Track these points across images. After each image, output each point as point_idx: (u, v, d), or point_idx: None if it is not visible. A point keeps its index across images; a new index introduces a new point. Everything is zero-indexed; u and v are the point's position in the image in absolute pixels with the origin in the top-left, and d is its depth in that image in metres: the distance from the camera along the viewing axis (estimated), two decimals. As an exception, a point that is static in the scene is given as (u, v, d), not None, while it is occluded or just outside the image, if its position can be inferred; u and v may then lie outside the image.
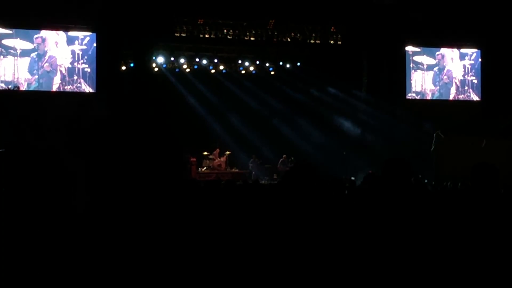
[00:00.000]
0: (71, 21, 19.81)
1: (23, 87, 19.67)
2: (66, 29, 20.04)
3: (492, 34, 22.72)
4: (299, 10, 21.29)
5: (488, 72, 23.60)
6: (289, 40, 22.22)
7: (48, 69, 19.89)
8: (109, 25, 19.75)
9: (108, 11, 19.39)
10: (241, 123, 25.04)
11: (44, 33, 19.89)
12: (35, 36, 19.80)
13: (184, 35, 21.16)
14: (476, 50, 24.08)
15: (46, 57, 19.90)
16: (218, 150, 24.41)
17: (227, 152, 24.48)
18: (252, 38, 21.85)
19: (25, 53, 19.69)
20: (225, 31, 21.46)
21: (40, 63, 19.84)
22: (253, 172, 23.68)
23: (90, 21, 19.82)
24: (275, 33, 22.01)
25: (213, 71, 24.37)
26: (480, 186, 4.52)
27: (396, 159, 4.45)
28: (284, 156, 23.94)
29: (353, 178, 17.62)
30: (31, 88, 19.74)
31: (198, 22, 21.12)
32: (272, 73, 25.19)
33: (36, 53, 19.79)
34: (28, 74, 19.70)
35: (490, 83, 23.40)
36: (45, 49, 19.88)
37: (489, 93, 23.34)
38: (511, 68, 22.11)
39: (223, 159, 24.43)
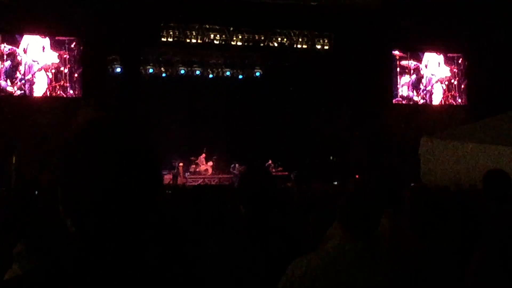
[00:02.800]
0: (56, 26, 19.71)
1: (8, 92, 19.56)
2: (52, 34, 19.94)
3: (477, 38, 22.84)
4: (286, 16, 21.31)
5: (473, 76, 23.71)
6: (276, 45, 22.24)
7: (35, 73, 19.79)
8: (96, 30, 19.68)
9: (95, 16, 19.35)
10: (228, 127, 25.00)
11: (30, 37, 19.77)
12: (21, 40, 19.69)
13: (171, 40, 21.15)
14: (461, 54, 24.19)
15: (33, 62, 19.79)
16: (204, 155, 24.35)
17: (214, 157, 24.43)
18: (239, 43, 21.85)
19: (10, 57, 19.57)
20: (212, 36, 21.48)
21: (27, 67, 19.72)
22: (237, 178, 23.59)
23: (76, 26, 19.74)
24: (262, 38, 22.02)
25: (200, 76, 24.31)
26: (492, 192, 4.46)
27: (497, 171, 4.39)
28: (270, 161, 23.86)
29: (335, 183, 17.61)
30: (17, 93, 19.64)
31: (185, 27, 21.14)
32: (259, 78, 25.16)
33: (22, 57, 19.67)
34: (14, 78, 19.58)
35: (476, 86, 23.49)
36: (32, 53, 19.76)
37: (475, 97, 23.44)
38: (496, 72, 22.21)
39: (210, 164, 24.39)
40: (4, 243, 4.28)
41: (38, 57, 19.84)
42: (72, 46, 20.17)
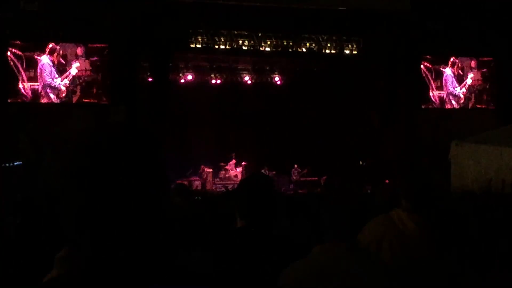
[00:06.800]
0: (88, 33, 19.94)
1: (42, 99, 19.83)
2: (84, 41, 20.18)
3: (508, 42, 22.59)
4: (315, 21, 21.31)
5: (504, 80, 23.46)
6: (304, 50, 22.24)
7: (68, 80, 20.04)
8: (125, 37, 19.88)
9: (124, 23, 19.53)
10: (257, 133, 24.98)
11: (63, 45, 20.03)
12: (55, 48, 19.96)
13: (199, 46, 21.26)
14: (493, 58, 23.95)
15: (66, 69, 20.04)
16: (234, 160, 24.43)
17: (243, 163, 24.46)
18: (267, 49, 21.90)
19: (44, 65, 19.84)
20: (240, 42, 21.56)
21: (59, 75, 19.98)
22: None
23: (107, 33, 19.94)
24: (291, 43, 22.04)
25: (228, 81, 24.41)
26: None
27: None
28: (295, 165, 23.95)
29: (368, 191, 17.49)
30: (50, 100, 19.91)
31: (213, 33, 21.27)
32: (288, 83, 25.17)
33: (55, 64, 19.93)
34: (47, 85, 19.84)
35: (507, 91, 23.24)
36: (65, 60, 20.02)
37: (506, 101, 23.19)
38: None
39: (239, 169, 24.44)
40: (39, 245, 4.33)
41: (70, 65, 20.09)
42: (105, 53, 20.39)
